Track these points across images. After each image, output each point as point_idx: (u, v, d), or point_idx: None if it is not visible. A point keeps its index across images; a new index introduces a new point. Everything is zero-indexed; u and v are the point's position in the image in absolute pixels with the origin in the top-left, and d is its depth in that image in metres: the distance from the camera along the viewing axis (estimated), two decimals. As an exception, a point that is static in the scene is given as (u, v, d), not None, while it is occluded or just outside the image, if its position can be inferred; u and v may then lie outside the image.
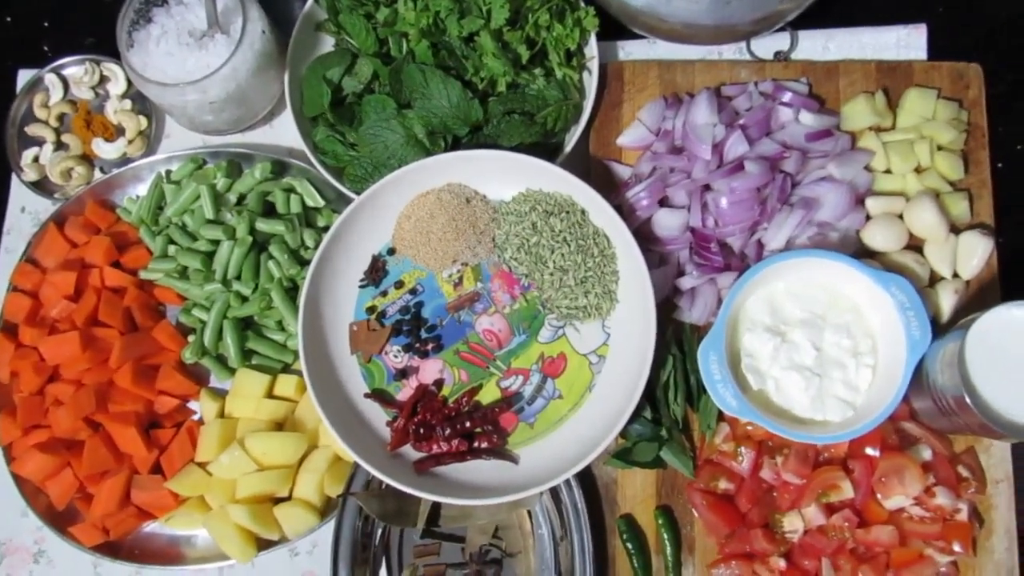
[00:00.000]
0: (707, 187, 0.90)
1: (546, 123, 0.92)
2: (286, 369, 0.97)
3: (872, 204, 0.90)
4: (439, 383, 0.87)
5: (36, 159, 1.06)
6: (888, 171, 0.92)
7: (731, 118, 0.93)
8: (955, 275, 0.89)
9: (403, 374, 0.88)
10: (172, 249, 0.98)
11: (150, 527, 0.94)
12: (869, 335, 0.83)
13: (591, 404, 0.85)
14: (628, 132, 0.96)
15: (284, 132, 1.06)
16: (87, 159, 1.07)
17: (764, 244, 0.90)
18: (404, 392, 0.88)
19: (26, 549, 0.98)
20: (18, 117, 1.08)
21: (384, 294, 0.90)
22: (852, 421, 0.80)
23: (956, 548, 0.81)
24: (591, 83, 0.94)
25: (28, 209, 1.07)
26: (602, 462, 0.86)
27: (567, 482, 0.84)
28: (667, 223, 0.90)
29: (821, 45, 0.99)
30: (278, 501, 0.91)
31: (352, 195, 0.92)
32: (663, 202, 0.92)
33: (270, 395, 0.95)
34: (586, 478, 0.87)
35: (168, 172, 1.01)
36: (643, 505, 0.88)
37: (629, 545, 0.86)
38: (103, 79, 1.09)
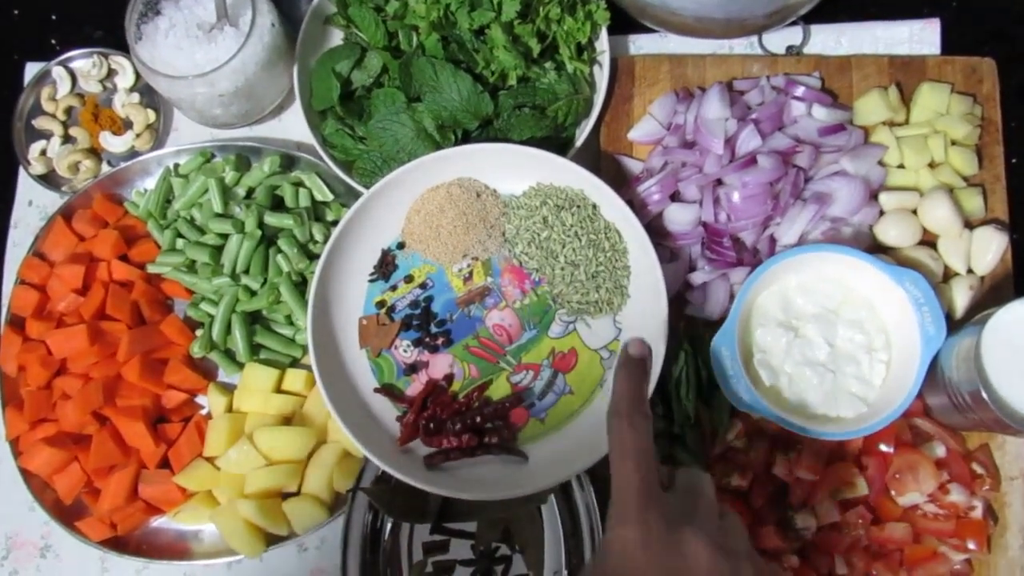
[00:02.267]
0: (719, 182, 0.90)
1: (557, 117, 0.92)
2: (295, 364, 0.96)
3: (885, 199, 0.90)
4: (449, 378, 0.87)
5: (43, 152, 1.06)
6: (901, 166, 0.91)
7: (743, 112, 0.92)
8: (969, 271, 0.88)
9: (413, 369, 0.88)
10: (180, 243, 0.97)
11: (157, 522, 0.94)
12: (883, 330, 0.82)
13: (602, 400, 0.85)
14: (639, 126, 0.96)
15: (293, 126, 1.05)
16: (95, 152, 1.06)
17: (777, 239, 0.89)
18: (414, 387, 0.87)
19: (33, 543, 0.97)
20: (25, 110, 1.07)
21: (394, 288, 0.89)
22: (866, 417, 0.79)
23: (970, 545, 0.80)
24: (602, 77, 0.94)
25: (35, 203, 1.06)
26: (613, 458, 0.85)
27: (578, 478, 0.83)
28: (679, 218, 0.90)
29: (834, 39, 0.99)
30: (287, 496, 0.91)
31: (361, 189, 0.92)
32: (675, 197, 0.91)
33: (279, 390, 0.94)
34: (595, 474, 0.86)
35: (176, 166, 1.01)
36: (654, 501, 0.87)
37: (640, 542, 0.86)
38: (111, 72, 1.08)
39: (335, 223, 0.93)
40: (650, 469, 0.57)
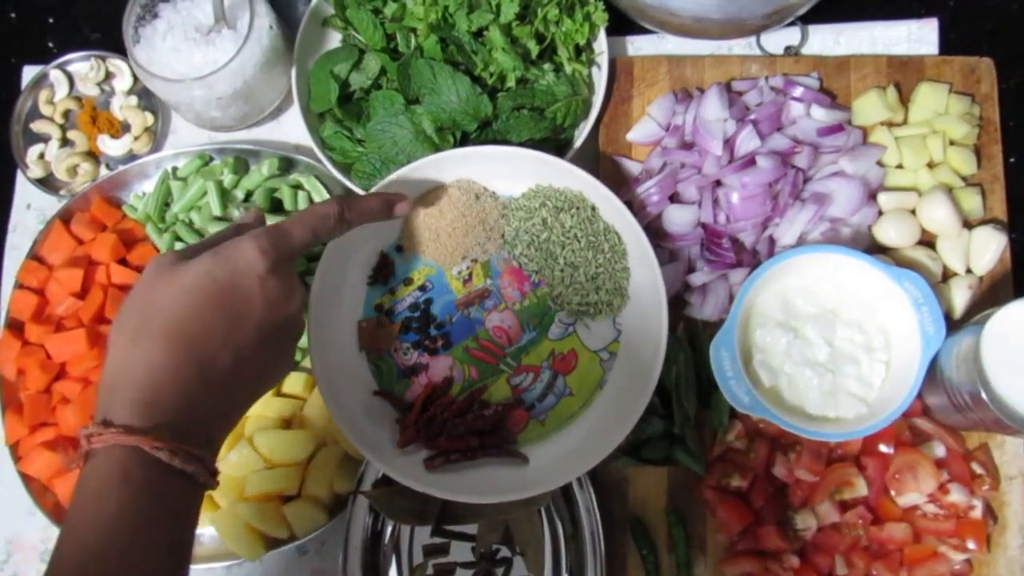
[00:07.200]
0: (718, 182, 0.90)
1: (555, 118, 0.92)
2: (295, 367, 0.96)
3: (884, 199, 0.90)
4: (449, 380, 0.87)
5: (42, 156, 1.06)
6: (900, 166, 0.91)
7: (742, 113, 0.92)
8: (968, 271, 0.88)
9: (412, 371, 0.87)
10: (179, 246, 0.97)
11: (158, 525, 0.94)
12: (882, 331, 0.82)
13: (602, 401, 0.85)
14: (638, 127, 0.96)
15: (291, 128, 1.05)
16: (93, 156, 1.06)
17: (776, 240, 0.89)
18: (413, 389, 0.87)
19: (33, 547, 0.97)
20: (23, 114, 1.07)
21: (393, 291, 0.89)
22: (866, 417, 0.79)
23: (970, 545, 0.81)
24: (600, 78, 0.93)
25: (34, 206, 1.06)
26: (613, 460, 0.86)
27: (578, 480, 0.83)
28: (678, 219, 0.90)
29: (832, 39, 0.99)
30: (287, 499, 0.91)
31: (360, 191, 0.91)
32: (673, 198, 0.91)
33: (279, 393, 0.94)
34: (596, 476, 0.87)
35: (174, 168, 1.01)
36: (654, 503, 0.87)
37: (639, 543, 0.86)
38: (108, 75, 1.08)
39: (334, 225, 0.93)
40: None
